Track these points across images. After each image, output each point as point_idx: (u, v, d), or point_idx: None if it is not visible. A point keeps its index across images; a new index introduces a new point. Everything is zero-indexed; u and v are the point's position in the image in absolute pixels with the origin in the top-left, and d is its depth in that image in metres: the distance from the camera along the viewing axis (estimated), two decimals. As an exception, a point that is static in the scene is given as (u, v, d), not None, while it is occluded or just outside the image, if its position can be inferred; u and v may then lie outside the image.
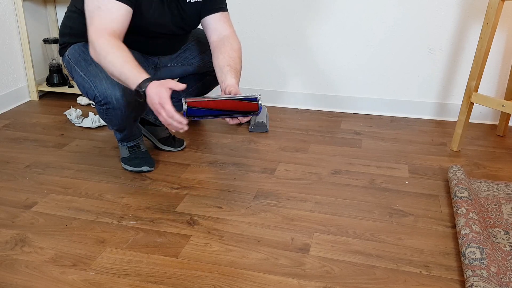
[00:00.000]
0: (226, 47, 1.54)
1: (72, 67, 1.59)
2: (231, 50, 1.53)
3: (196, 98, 1.39)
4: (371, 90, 2.40)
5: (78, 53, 1.57)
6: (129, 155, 1.78)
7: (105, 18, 1.41)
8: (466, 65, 2.26)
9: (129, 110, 1.54)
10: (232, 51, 1.53)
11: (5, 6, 2.33)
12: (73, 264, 1.27)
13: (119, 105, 1.50)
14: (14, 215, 1.49)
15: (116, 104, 1.50)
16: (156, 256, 1.31)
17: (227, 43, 1.55)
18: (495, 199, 1.58)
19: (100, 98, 1.50)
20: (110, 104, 1.50)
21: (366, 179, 1.76)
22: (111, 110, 1.52)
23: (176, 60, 1.77)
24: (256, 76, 2.51)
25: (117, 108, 1.51)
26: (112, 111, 1.52)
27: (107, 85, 1.47)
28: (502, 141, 2.12)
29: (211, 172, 1.79)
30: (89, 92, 1.52)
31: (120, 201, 1.58)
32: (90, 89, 1.51)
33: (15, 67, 2.45)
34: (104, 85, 1.48)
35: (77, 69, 1.55)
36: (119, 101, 1.49)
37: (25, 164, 1.83)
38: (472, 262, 1.22)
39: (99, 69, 1.49)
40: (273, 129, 2.22)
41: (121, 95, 1.49)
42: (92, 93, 1.52)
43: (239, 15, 2.40)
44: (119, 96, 1.48)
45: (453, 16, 2.19)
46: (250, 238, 1.39)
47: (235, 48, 1.54)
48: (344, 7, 2.28)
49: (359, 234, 1.42)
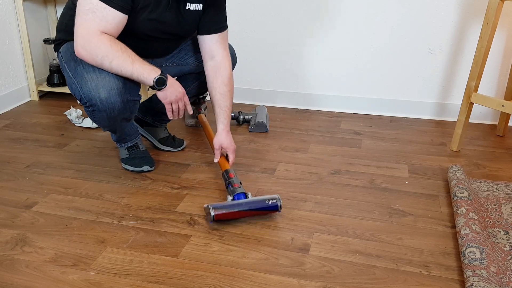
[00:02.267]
0: (218, 80, 1.66)
1: (63, 66, 1.57)
2: (222, 84, 1.66)
3: (223, 209, 1.41)
4: (371, 90, 2.41)
5: (70, 52, 1.54)
6: (128, 156, 1.78)
7: (98, 23, 1.40)
8: (466, 65, 2.26)
9: (115, 112, 1.52)
10: (223, 86, 1.66)
11: (5, 6, 2.33)
12: (73, 264, 1.27)
13: (103, 107, 1.48)
14: (14, 215, 1.50)
15: (101, 106, 1.48)
16: (156, 256, 1.31)
17: (218, 75, 1.66)
18: (495, 199, 1.58)
19: (86, 99, 1.48)
20: (95, 106, 1.48)
21: (366, 179, 1.76)
22: (96, 112, 1.51)
23: (171, 60, 1.76)
24: (256, 76, 2.51)
25: (102, 110, 1.49)
26: (97, 113, 1.51)
27: (91, 86, 1.45)
28: (502, 141, 2.13)
29: (212, 172, 1.79)
30: (76, 93, 1.51)
31: (120, 201, 1.58)
32: (76, 90, 1.50)
33: (16, 67, 2.45)
34: (89, 87, 1.46)
35: (66, 69, 1.54)
36: (103, 103, 1.47)
37: (25, 164, 1.83)
38: (472, 262, 1.22)
39: (86, 70, 1.47)
40: (273, 129, 2.22)
41: (106, 96, 1.46)
42: (78, 94, 1.50)
43: (239, 15, 2.40)
44: (103, 98, 1.46)
45: (453, 17, 2.19)
46: (250, 238, 1.40)
47: (225, 82, 1.66)
48: (345, 8, 2.28)
49: (359, 234, 1.42)
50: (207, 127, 1.94)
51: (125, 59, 1.43)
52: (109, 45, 1.41)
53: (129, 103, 1.55)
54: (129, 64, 1.43)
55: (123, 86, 1.49)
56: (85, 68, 1.47)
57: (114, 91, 1.47)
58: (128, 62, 1.43)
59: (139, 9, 1.47)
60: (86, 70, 1.47)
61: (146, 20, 1.50)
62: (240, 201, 1.45)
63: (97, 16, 1.39)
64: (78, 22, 1.42)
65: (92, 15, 1.40)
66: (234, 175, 1.56)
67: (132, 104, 1.56)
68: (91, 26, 1.40)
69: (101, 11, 1.39)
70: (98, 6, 1.39)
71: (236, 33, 2.44)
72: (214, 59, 1.67)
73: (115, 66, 1.44)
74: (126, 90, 1.51)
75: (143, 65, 1.45)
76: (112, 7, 1.40)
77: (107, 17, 1.40)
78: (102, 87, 1.46)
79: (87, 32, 1.40)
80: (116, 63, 1.43)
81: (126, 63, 1.43)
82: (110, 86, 1.46)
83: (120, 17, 1.42)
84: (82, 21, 1.41)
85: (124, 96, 1.51)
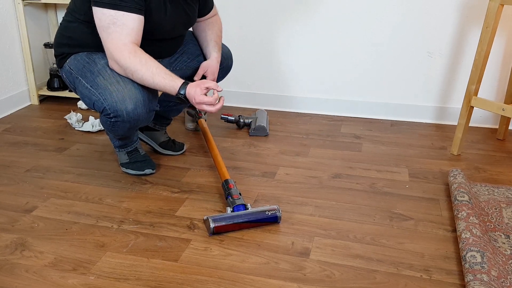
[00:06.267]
0: (215, 26, 1.82)
1: (75, 78, 1.57)
2: (218, 29, 1.83)
3: (222, 222, 1.41)
4: (371, 94, 2.41)
5: (82, 64, 1.55)
6: (129, 160, 1.78)
7: (121, 33, 1.43)
8: (465, 69, 2.26)
9: (138, 123, 1.54)
10: (219, 31, 1.83)
11: (6, 11, 2.34)
12: (73, 269, 1.27)
13: (129, 119, 1.49)
14: (14, 219, 1.49)
15: (126, 118, 1.49)
16: (156, 261, 1.31)
17: (215, 23, 1.83)
18: (495, 203, 1.58)
19: (110, 111, 1.48)
20: (120, 117, 1.49)
21: (366, 183, 1.76)
22: (119, 122, 1.51)
23: (175, 64, 1.78)
24: (256, 80, 2.51)
25: (127, 121, 1.50)
26: (120, 123, 1.52)
27: (117, 98, 1.46)
28: (502, 145, 2.12)
29: (212, 176, 1.79)
30: (97, 104, 1.51)
31: (120, 205, 1.58)
32: (99, 101, 1.49)
33: (16, 71, 2.45)
34: (115, 98, 1.46)
35: (81, 81, 1.54)
36: (130, 115, 1.48)
37: (25, 168, 1.83)
38: (473, 266, 1.21)
39: (109, 81, 1.48)
40: (273, 132, 2.22)
41: (133, 108, 1.48)
42: (100, 106, 1.50)
43: (240, 20, 2.41)
44: (130, 110, 1.48)
45: (453, 20, 2.20)
46: (250, 242, 1.39)
47: (220, 28, 1.86)
48: (345, 12, 2.28)
49: (360, 238, 1.42)
50: (207, 132, 1.94)
51: (147, 75, 1.45)
52: (134, 62, 1.44)
53: (151, 113, 1.57)
54: (149, 79, 1.46)
55: (147, 97, 1.52)
56: (107, 79, 1.49)
57: (141, 102, 1.49)
58: (149, 76, 1.46)
59: (153, 10, 1.50)
60: (109, 82, 1.48)
61: (160, 20, 1.53)
62: (240, 212, 1.45)
63: (118, 26, 1.43)
64: (104, 38, 1.46)
65: (114, 27, 1.43)
66: (233, 185, 1.56)
67: (152, 113, 1.58)
68: (117, 40, 1.43)
69: (120, 19, 1.42)
70: (116, 16, 1.42)
71: (236, 37, 2.44)
72: (211, 15, 1.82)
73: (139, 79, 1.47)
74: (150, 100, 1.53)
75: (163, 79, 1.46)
76: (129, 12, 1.43)
77: (127, 23, 1.44)
78: (129, 99, 1.47)
79: (113, 47, 1.44)
80: (137, 76, 1.46)
81: (147, 77, 1.46)
82: (136, 98, 1.48)
83: (139, 19, 1.46)
84: (107, 36, 1.44)
85: (148, 106, 1.53)
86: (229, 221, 1.42)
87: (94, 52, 1.57)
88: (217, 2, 2.34)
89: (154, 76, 1.45)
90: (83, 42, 1.57)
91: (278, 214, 1.47)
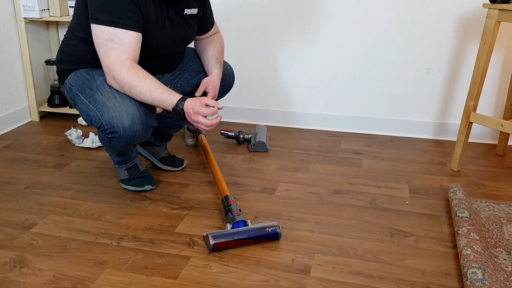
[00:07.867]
0: (216, 43, 1.82)
1: (75, 94, 1.58)
2: (219, 46, 1.83)
3: (222, 238, 1.41)
4: (370, 110, 2.42)
5: (82, 80, 1.56)
6: (128, 176, 1.77)
7: (119, 50, 1.44)
8: (464, 85, 2.28)
9: (135, 139, 1.54)
10: (220, 48, 1.83)
11: (8, 28, 2.36)
12: (72, 286, 1.26)
13: (125, 135, 1.50)
14: (13, 236, 1.49)
15: (123, 134, 1.50)
16: (156, 278, 1.30)
17: (216, 40, 1.84)
18: (496, 219, 1.57)
19: (107, 127, 1.49)
20: (117, 133, 1.49)
21: (366, 199, 1.75)
22: (116, 138, 1.52)
23: (176, 81, 1.79)
24: (255, 96, 2.52)
25: (123, 137, 1.51)
26: (117, 139, 1.52)
27: (114, 114, 1.47)
28: (502, 161, 2.13)
29: (211, 192, 1.79)
30: (95, 120, 1.52)
31: (119, 221, 1.58)
32: (96, 117, 1.50)
33: (17, 88, 2.46)
34: (112, 114, 1.47)
35: (81, 97, 1.55)
36: (126, 131, 1.49)
37: (25, 185, 1.82)
38: (474, 283, 1.21)
39: (106, 97, 1.49)
40: (273, 148, 2.23)
41: (129, 124, 1.48)
42: (97, 121, 1.51)
43: (239, 35, 2.43)
44: (127, 126, 1.48)
45: (451, 37, 2.22)
46: (250, 259, 1.38)
47: (222, 45, 1.86)
48: (345, 29, 2.31)
49: (360, 255, 1.41)
50: (207, 148, 1.94)
51: (145, 90, 1.46)
52: (132, 78, 1.44)
53: (148, 129, 1.57)
54: (147, 94, 1.46)
55: (144, 113, 1.52)
56: (105, 95, 1.49)
57: (137, 118, 1.49)
58: (146, 91, 1.46)
59: (149, 27, 1.51)
60: (107, 98, 1.49)
61: (156, 37, 1.54)
62: (240, 229, 1.45)
63: (116, 43, 1.44)
64: (101, 55, 1.47)
65: (112, 44, 1.44)
66: (233, 201, 1.56)
67: (150, 130, 1.58)
68: (115, 57, 1.44)
69: (117, 36, 1.43)
70: (114, 33, 1.43)
71: (236, 54, 2.46)
72: (212, 33, 1.82)
73: (136, 95, 1.47)
74: (147, 116, 1.53)
75: (161, 94, 1.47)
76: (127, 29, 1.44)
77: (125, 40, 1.44)
78: (126, 115, 1.47)
79: (111, 63, 1.45)
80: (134, 92, 1.46)
81: (145, 92, 1.46)
82: (133, 114, 1.48)
83: (136, 36, 1.47)
84: (105, 53, 1.45)
85: (145, 123, 1.53)
86: (229, 237, 1.42)
87: (94, 68, 1.58)
88: (218, 18, 2.36)
89: (152, 91, 1.46)
90: (83, 59, 1.59)
91: (278, 231, 1.46)
